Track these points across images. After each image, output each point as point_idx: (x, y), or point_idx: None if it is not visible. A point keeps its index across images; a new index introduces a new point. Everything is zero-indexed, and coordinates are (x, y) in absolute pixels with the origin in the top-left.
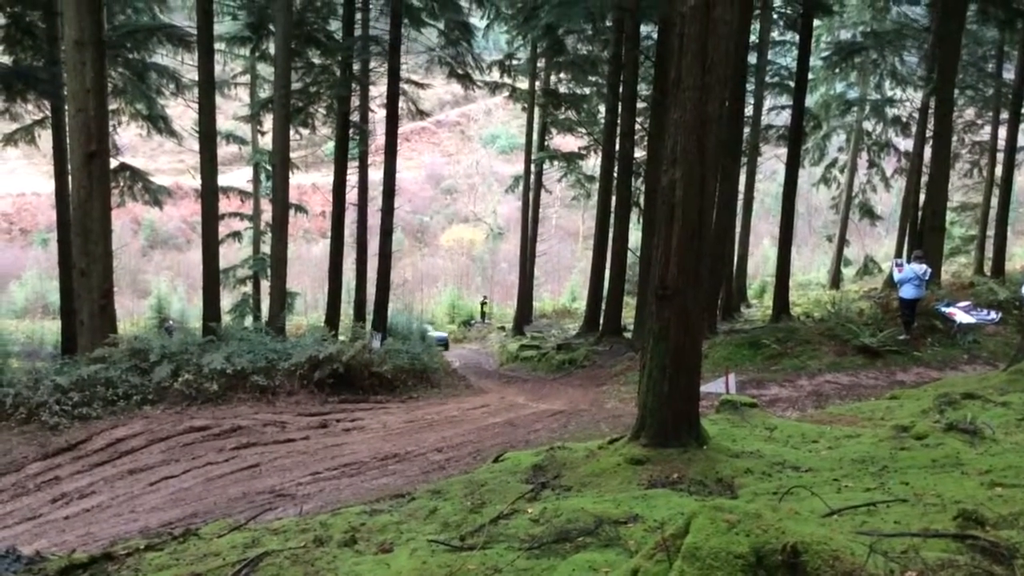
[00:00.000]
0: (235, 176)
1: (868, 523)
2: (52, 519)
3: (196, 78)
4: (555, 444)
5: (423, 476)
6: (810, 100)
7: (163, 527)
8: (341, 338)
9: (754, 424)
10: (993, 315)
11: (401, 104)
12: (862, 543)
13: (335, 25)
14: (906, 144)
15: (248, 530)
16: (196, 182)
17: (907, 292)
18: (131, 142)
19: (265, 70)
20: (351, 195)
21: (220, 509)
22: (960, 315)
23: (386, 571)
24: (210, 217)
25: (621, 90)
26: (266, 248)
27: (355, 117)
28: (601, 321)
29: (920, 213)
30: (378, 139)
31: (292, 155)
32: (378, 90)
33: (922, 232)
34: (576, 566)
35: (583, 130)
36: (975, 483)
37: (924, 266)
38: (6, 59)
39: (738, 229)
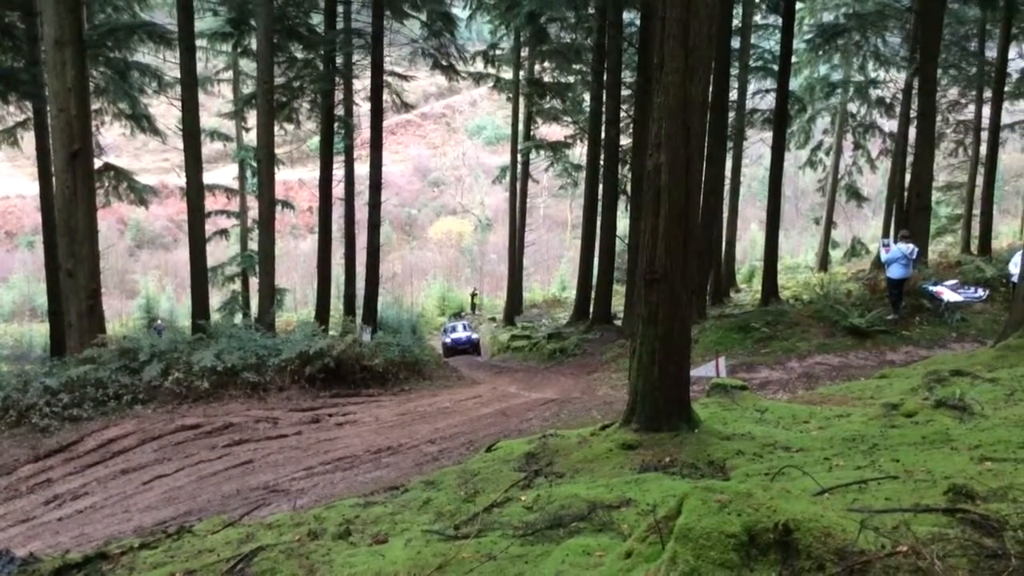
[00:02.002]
0: (220, 174)
1: (859, 500)
2: (45, 521)
3: (178, 76)
4: (547, 432)
5: (416, 468)
6: (794, 83)
7: (157, 526)
8: (331, 333)
9: (745, 406)
10: (980, 293)
11: (385, 97)
12: (853, 519)
13: (317, 19)
14: (891, 125)
15: (242, 526)
16: (181, 180)
17: (894, 272)
18: (115, 142)
19: (248, 66)
20: (337, 190)
21: (214, 506)
22: (947, 294)
23: (381, 562)
24: (196, 215)
25: (605, 78)
26: (253, 245)
27: (339, 111)
28: (591, 309)
29: (906, 193)
30: (363, 133)
31: (277, 151)
32: (362, 83)
33: (908, 212)
34: (570, 551)
35: (569, 119)
36: (965, 458)
37: (911, 246)
38: None
39: (725, 214)
